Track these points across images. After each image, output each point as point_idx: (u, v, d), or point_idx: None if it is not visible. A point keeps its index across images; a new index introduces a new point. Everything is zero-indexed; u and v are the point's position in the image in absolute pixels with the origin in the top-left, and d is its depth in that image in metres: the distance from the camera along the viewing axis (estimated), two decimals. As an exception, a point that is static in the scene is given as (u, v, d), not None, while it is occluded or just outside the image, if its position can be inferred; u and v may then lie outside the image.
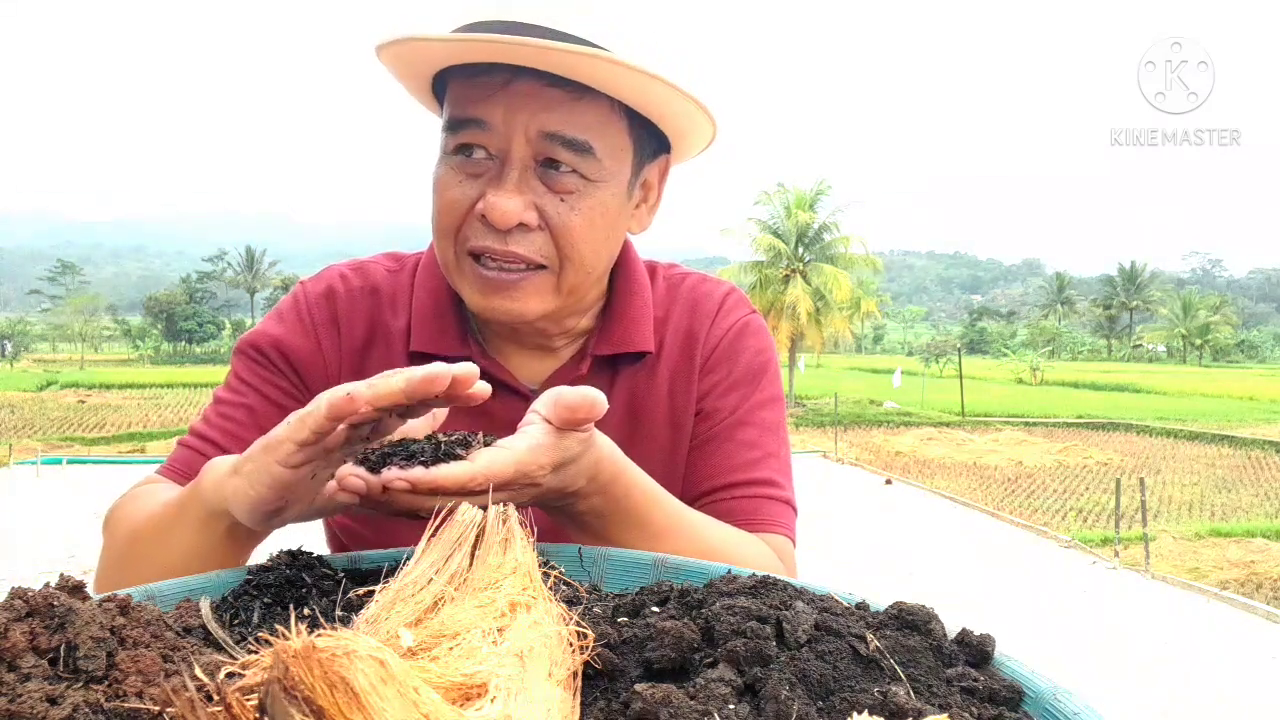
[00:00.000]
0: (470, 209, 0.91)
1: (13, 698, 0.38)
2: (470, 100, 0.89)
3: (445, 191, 0.92)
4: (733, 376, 1.05)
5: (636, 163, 0.96)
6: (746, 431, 1.03)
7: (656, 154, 0.99)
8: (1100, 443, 20.09)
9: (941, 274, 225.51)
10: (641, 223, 1.02)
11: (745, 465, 1.01)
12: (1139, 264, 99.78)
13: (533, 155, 0.89)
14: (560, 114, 0.87)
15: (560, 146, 0.88)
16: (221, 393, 1.04)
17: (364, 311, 1.06)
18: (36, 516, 10.65)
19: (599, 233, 0.93)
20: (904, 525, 10.99)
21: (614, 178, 0.92)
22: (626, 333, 1.04)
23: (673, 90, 0.88)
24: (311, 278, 1.10)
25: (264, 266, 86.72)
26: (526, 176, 0.89)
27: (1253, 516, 11.77)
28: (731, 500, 0.99)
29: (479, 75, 0.88)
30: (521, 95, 0.87)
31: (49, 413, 24.15)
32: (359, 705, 0.32)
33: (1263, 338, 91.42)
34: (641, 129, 0.94)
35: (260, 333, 1.05)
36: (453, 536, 0.56)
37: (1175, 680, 5.84)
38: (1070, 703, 0.47)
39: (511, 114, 0.87)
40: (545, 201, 0.89)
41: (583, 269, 0.93)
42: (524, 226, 0.89)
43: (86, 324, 66.52)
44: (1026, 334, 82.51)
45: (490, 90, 0.87)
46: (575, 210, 0.90)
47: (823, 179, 34.33)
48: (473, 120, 0.89)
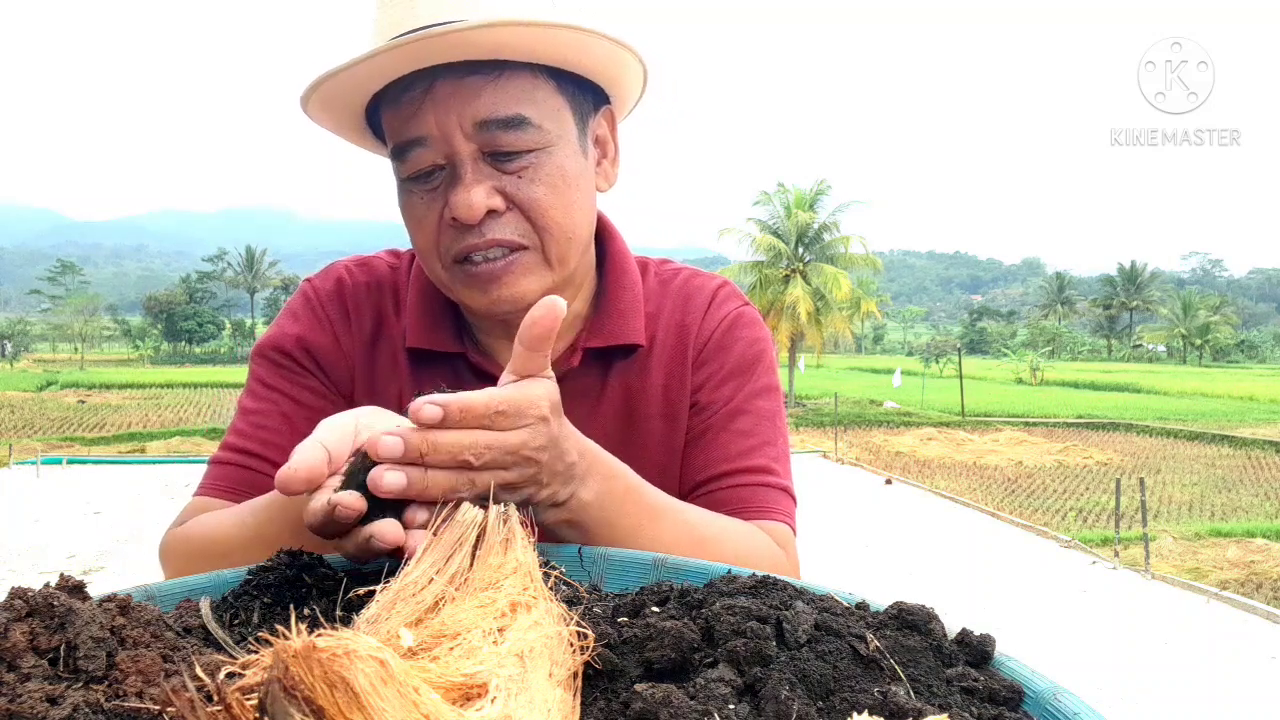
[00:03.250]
0: (439, 221, 0.92)
1: (13, 698, 0.38)
2: (402, 120, 0.90)
3: (412, 215, 0.94)
4: (727, 368, 1.05)
5: (579, 119, 0.96)
6: (742, 420, 1.02)
7: (598, 106, 0.99)
8: (1100, 443, 20.09)
9: (941, 274, 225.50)
10: (608, 177, 1.02)
11: (741, 454, 1.00)
12: (1139, 264, 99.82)
13: (477, 149, 0.89)
14: (485, 98, 0.88)
15: (497, 130, 0.88)
16: (248, 402, 1.02)
17: (370, 306, 1.06)
18: (36, 516, 10.65)
19: (566, 199, 0.93)
20: (904, 525, 10.99)
21: (560, 140, 0.92)
22: (617, 325, 1.04)
23: (579, 34, 0.88)
24: (317, 274, 1.10)
25: (264, 266, 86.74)
26: (478, 168, 0.90)
27: (1253, 516, 11.77)
28: (728, 489, 0.98)
29: (402, 94, 0.89)
30: (444, 96, 0.87)
31: (49, 413, 24.16)
32: (359, 705, 0.32)
33: (1263, 338, 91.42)
34: (572, 86, 0.94)
35: (280, 334, 1.04)
36: (453, 537, 0.56)
37: (1175, 680, 5.83)
38: (1070, 703, 0.47)
39: (443, 117, 0.88)
40: (504, 183, 0.90)
41: (563, 236, 0.93)
42: (493, 213, 0.90)
43: (86, 324, 66.52)
44: (1026, 334, 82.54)
45: (416, 103, 0.88)
46: (535, 182, 0.91)
47: (823, 179, 34.34)
48: (412, 141, 0.90)
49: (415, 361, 1.04)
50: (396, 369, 1.04)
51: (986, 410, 26.52)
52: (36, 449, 15.72)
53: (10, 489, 12.75)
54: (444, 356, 1.03)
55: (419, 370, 1.03)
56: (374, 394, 1.03)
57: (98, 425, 21.79)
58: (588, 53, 0.91)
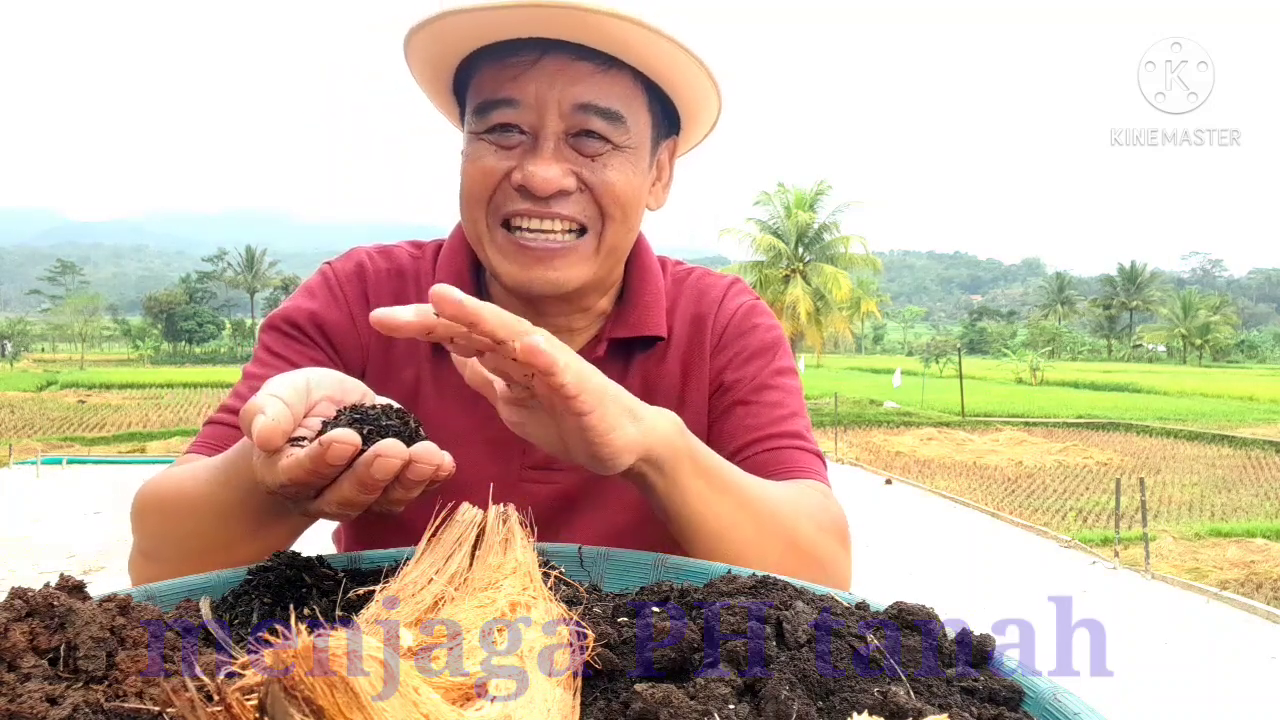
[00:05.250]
0: (503, 179, 0.92)
1: (13, 698, 0.38)
2: (501, 81, 0.90)
3: (477, 161, 0.93)
4: (749, 349, 1.08)
5: (654, 138, 0.99)
6: (770, 394, 1.05)
7: (668, 134, 1.02)
8: (1100, 443, 20.08)
9: (941, 274, 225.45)
10: (658, 199, 1.05)
11: (774, 421, 1.03)
12: (1139, 264, 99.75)
13: (565, 128, 0.91)
14: (591, 85, 0.90)
15: (595, 116, 0.90)
16: (251, 368, 1.02)
17: (390, 292, 1.07)
18: (36, 516, 10.64)
19: (634, 191, 0.95)
20: (904, 525, 10.98)
21: (640, 147, 0.95)
22: (641, 317, 1.06)
23: (693, 61, 0.91)
24: (338, 258, 1.11)
25: (264, 266, 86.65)
26: (561, 147, 0.91)
27: (1253, 516, 11.76)
28: (766, 453, 1.00)
29: (509, 56, 0.89)
30: (552, 70, 0.89)
31: (49, 413, 24.14)
32: (359, 705, 0.32)
33: (1263, 338, 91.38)
34: (658, 105, 0.97)
35: (293, 308, 1.05)
36: (453, 536, 0.56)
37: (1175, 680, 5.83)
38: (1070, 703, 0.47)
39: (544, 89, 0.89)
40: (580, 166, 0.92)
41: (624, 225, 0.96)
42: (563, 192, 0.91)
43: (86, 324, 66.50)
44: (1026, 334, 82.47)
45: (520, 69, 0.89)
46: (610, 168, 0.93)
47: (823, 179, 34.38)
48: (504, 100, 0.90)
49: (438, 345, 1.04)
50: (415, 354, 1.05)
51: (986, 410, 26.49)
52: (36, 449, 15.72)
53: (10, 489, 12.74)
54: None
55: (441, 354, 1.04)
56: (388, 378, 1.04)
57: (98, 425, 21.78)
58: (689, 78, 0.94)
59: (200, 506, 0.77)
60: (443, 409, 1.02)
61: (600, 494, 1.03)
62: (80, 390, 31.87)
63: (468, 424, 0.99)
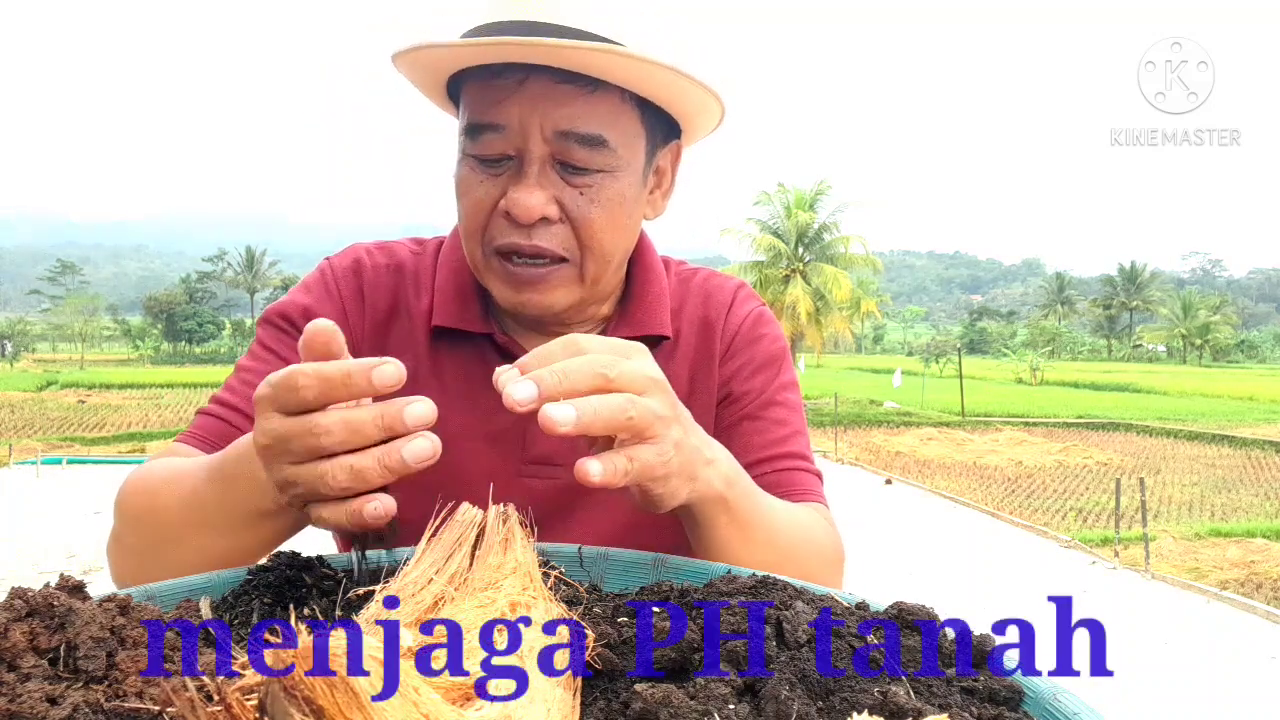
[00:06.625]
0: (494, 208, 0.93)
1: (13, 698, 0.38)
2: (486, 104, 0.91)
3: (469, 193, 0.95)
4: (756, 361, 1.09)
5: (649, 150, 0.98)
6: (776, 410, 1.07)
7: (668, 139, 1.02)
8: (1100, 443, 20.07)
9: (941, 274, 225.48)
10: (656, 208, 1.05)
11: (779, 440, 1.05)
12: (1139, 264, 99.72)
13: (550, 153, 0.91)
14: (573, 110, 0.89)
15: (575, 144, 0.90)
16: (245, 361, 1.04)
17: (388, 288, 1.07)
18: (36, 516, 10.64)
19: (618, 223, 0.95)
20: (904, 525, 10.98)
21: (629, 166, 0.95)
22: (645, 316, 1.07)
23: (685, 78, 0.90)
24: (337, 254, 1.11)
25: (264, 266, 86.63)
26: (545, 171, 0.91)
27: (1253, 516, 11.75)
28: (773, 474, 1.02)
29: (494, 78, 0.90)
30: (535, 95, 0.89)
31: (49, 413, 24.14)
32: (359, 705, 0.32)
33: (1263, 338, 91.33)
34: (653, 115, 0.96)
35: (288, 302, 1.06)
36: (453, 537, 0.56)
37: (1175, 680, 5.83)
38: (1070, 703, 0.47)
39: (527, 115, 0.89)
40: (565, 195, 0.92)
41: (603, 259, 0.96)
42: (546, 220, 0.92)
43: (86, 324, 66.51)
44: (1026, 334, 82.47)
45: (505, 93, 0.89)
46: (594, 203, 0.93)
47: (823, 179, 34.39)
48: (489, 126, 0.91)
49: (437, 340, 1.05)
50: (413, 349, 1.05)
51: (986, 410, 26.48)
52: (36, 449, 15.72)
53: (10, 489, 12.75)
54: (468, 336, 1.05)
55: (440, 349, 1.05)
56: None
57: (98, 425, 21.77)
58: (682, 93, 0.93)
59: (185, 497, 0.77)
60: (440, 404, 1.02)
61: (601, 490, 1.03)
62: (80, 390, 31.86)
63: (466, 419, 1.00)
